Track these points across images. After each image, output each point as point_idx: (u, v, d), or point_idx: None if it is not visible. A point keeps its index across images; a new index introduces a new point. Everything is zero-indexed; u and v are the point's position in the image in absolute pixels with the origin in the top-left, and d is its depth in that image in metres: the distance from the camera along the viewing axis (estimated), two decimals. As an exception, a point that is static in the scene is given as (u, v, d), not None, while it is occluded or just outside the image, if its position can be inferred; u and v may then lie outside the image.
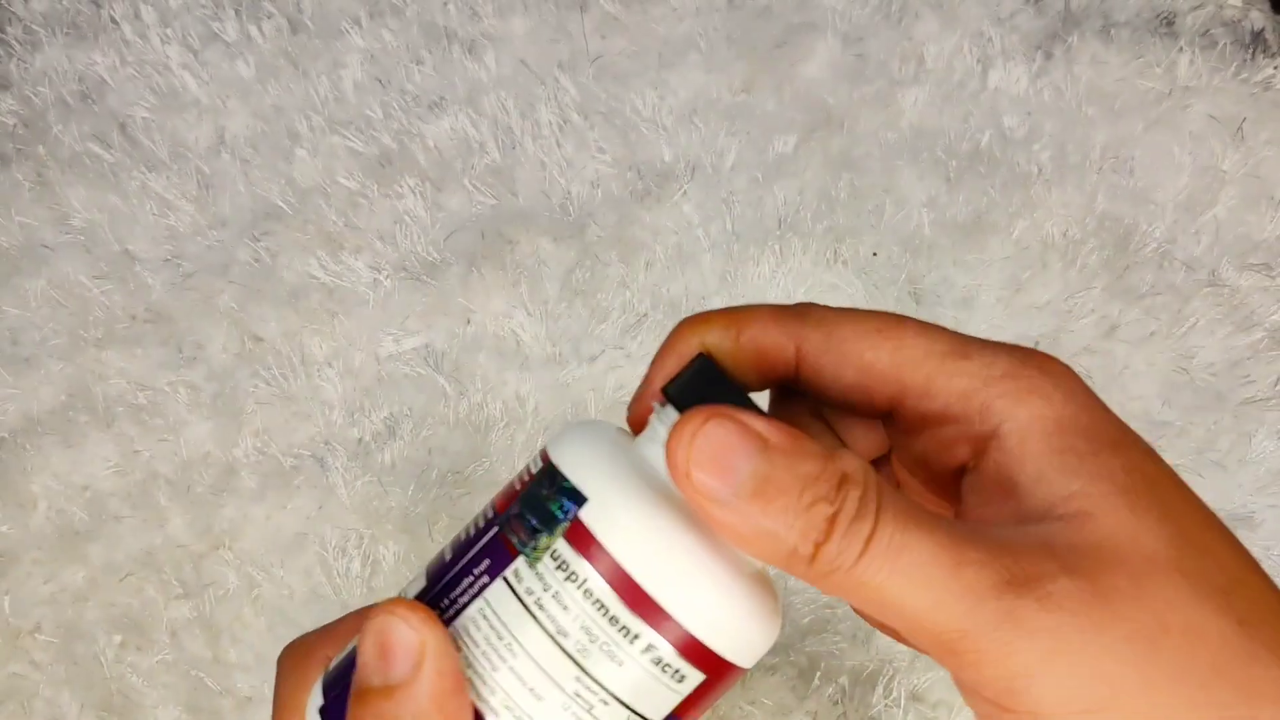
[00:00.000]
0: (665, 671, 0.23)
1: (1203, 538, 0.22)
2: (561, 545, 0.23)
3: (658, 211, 0.64)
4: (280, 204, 0.64)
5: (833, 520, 0.21)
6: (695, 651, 0.23)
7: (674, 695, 0.24)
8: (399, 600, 0.24)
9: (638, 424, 0.27)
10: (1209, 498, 0.56)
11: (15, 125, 0.67)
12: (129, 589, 0.56)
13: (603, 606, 0.23)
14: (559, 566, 0.23)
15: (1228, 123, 0.64)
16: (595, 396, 0.59)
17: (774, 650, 0.53)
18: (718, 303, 0.61)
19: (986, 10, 0.68)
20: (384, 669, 0.23)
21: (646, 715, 0.24)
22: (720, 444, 0.21)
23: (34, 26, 0.70)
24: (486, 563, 0.24)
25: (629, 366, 0.59)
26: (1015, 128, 0.65)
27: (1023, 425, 0.23)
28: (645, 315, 0.61)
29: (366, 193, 0.64)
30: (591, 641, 0.23)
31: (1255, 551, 0.54)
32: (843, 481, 0.21)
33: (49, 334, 0.62)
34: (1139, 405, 0.58)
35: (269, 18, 0.70)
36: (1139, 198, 0.63)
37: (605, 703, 0.23)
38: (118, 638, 0.56)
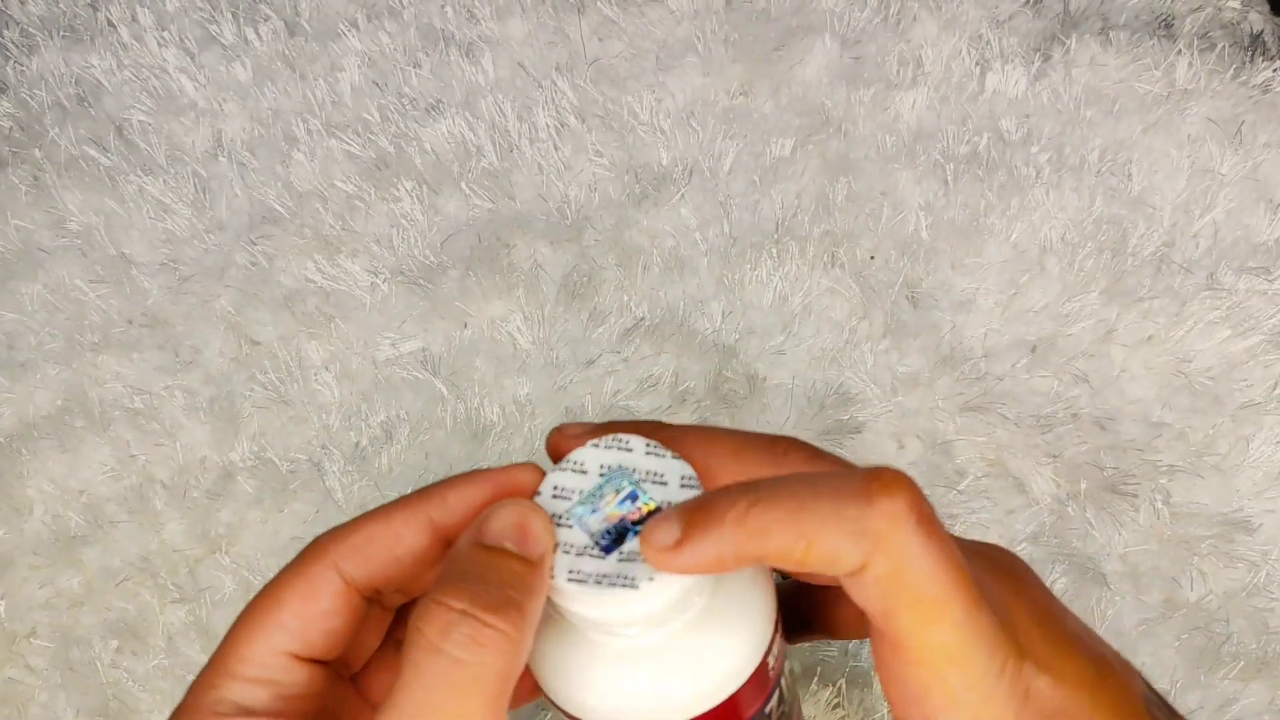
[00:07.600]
0: None
1: None
2: None
3: (655, 215, 0.63)
4: (277, 208, 0.64)
5: None
6: None
7: None
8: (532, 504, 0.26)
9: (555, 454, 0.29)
10: (1206, 502, 0.55)
11: (11, 128, 0.67)
12: (125, 594, 0.56)
13: None
14: None
15: (1226, 125, 0.64)
16: (592, 401, 0.59)
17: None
18: (715, 309, 0.61)
19: (985, 13, 0.68)
20: (522, 545, 0.25)
21: None
22: None
23: (30, 29, 0.70)
24: None
25: (626, 371, 0.59)
26: (1013, 130, 0.65)
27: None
28: (642, 319, 0.61)
29: (363, 196, 0.64)
30: None
31: (1253, 556, 0.54)
32: None
33: (45, 338, 0.61)
34: (1137, 409, 0.58)
35: (266, 20, 0.70)
36: (1137, 201, 0.63)
37: None
38: (114, 642, 0.55)
